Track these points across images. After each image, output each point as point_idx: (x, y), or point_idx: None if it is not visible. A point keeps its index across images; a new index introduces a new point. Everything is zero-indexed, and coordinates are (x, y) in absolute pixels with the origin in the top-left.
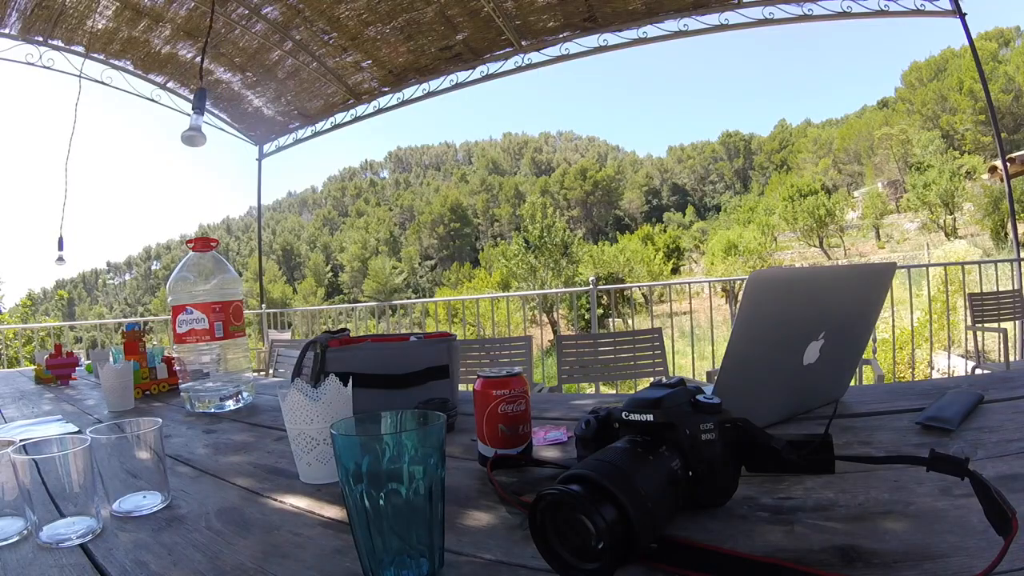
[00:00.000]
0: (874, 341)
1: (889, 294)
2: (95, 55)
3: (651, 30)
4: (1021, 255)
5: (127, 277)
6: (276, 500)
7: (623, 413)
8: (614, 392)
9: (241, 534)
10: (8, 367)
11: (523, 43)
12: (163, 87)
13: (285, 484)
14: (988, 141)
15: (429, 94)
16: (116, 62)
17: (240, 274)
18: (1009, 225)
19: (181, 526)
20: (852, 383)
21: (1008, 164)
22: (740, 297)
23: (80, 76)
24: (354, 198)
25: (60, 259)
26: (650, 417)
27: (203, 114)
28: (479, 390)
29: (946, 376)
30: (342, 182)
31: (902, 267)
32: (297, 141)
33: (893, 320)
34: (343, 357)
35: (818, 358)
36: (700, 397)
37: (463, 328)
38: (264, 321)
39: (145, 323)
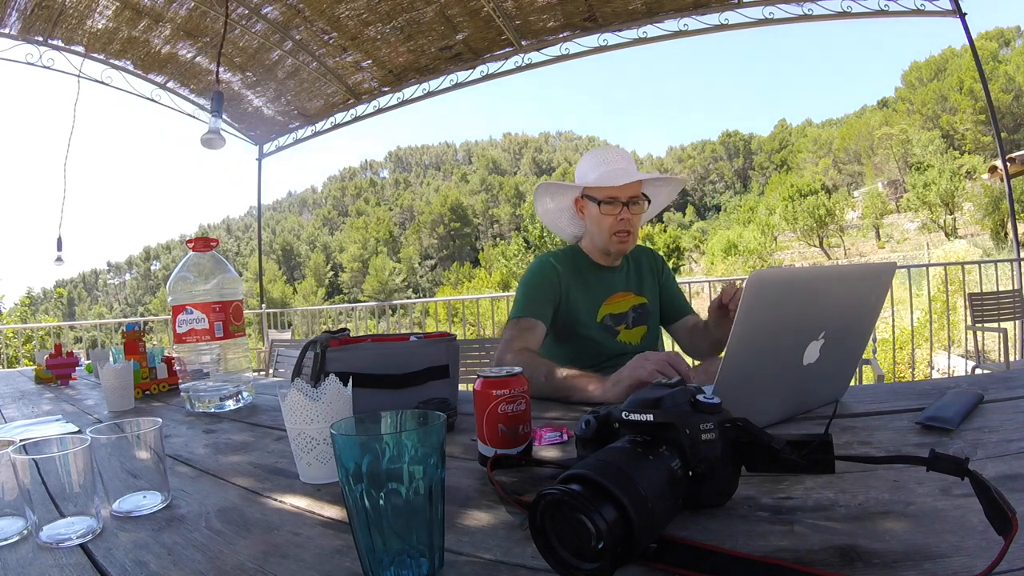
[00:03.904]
0: (874, 341)
1: (889, 294)
2: (95, 55)
3: (651, 30)
4: (1021, 255)
5: (127, 277)
6: (276, 500)
7: (623, 413)
8: None
9: (241, 534)
10: (8, 367)
11: (523, 43)
12: (163, 87)
13: (285, 484)
14: (988, 141)
15: (429, 94)
16: (116, 62)
17: (240, 274)
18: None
19: (181, 526)
20: (852, 383)
21: (1008, 164)
22: (740, 297)
23: (80, 76)
24: (354, 198)
25: (59, 259)
26: (650, 417)
27: (221, 117)
28: (479, 390)
29: (946, 376)
30: (342, 182)
31: (902, 267)
32: (297, 141)
33: (893, 320)
34: (343, 357)
35: (818, 358)
36: (700, 397)
37: (463, 328)
38: (264, 321)
39: (145, 323)
